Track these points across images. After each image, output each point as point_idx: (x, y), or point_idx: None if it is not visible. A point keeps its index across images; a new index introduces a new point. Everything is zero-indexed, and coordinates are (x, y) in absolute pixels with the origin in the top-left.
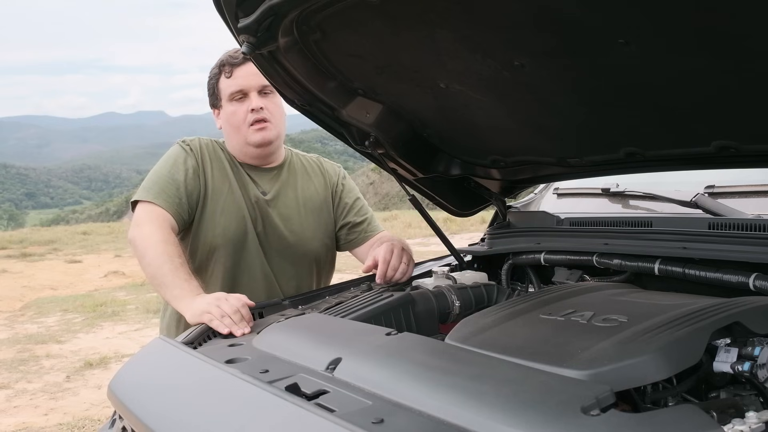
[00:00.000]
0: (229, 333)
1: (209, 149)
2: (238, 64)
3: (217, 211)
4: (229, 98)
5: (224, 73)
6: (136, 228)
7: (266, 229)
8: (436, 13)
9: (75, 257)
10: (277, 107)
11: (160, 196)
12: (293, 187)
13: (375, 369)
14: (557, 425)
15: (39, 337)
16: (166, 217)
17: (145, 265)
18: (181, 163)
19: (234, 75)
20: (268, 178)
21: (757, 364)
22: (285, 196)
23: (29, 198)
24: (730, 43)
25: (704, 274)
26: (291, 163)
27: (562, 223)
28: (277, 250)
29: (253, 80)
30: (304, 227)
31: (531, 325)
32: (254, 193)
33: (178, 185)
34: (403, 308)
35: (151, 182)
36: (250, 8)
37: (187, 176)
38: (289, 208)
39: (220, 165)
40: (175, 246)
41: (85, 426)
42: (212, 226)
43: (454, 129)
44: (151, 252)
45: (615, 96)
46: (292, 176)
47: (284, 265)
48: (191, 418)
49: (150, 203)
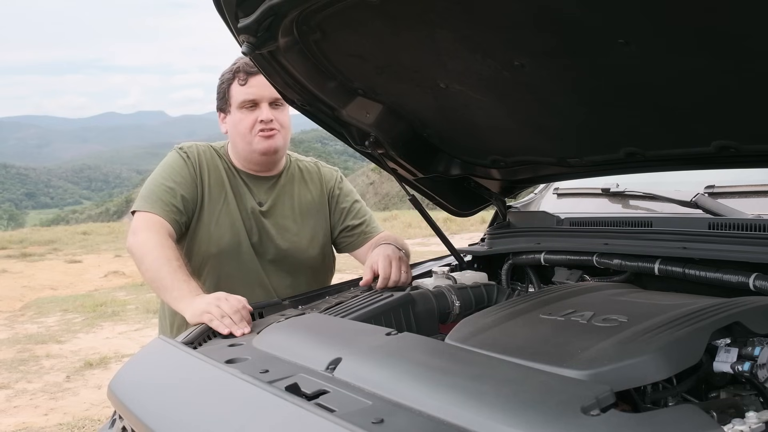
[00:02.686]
0: (229, 333)
1: (206, 156)
2: (254, 73)
3: (212, 220)
4: (239, 105)
5: (238, 79)
6: (133, 236)
7: (261, 240)
8: (436, 13)
9: (75, 257)
10: (286, 119)
11: (157, 204)
12: (290, 196)
13: (375, 369)
14: (557, 425)
15: (39, 337)
16: (163, 224)
17: (144, 270)
18: (178, 171)
19: (249, 83)
20: (265, 188)
21: (757, 364)
22: (281, 205)
23: (29, 198)
24: (730, 43)
25: (704, 274)
26: (289, 171)
27: (562, 223)
28: (273, 260)
29: (267, 91)
30: (300, 236)
31: (531, 325)
32: (250, 203)
33: (175, 193)
34: (403, 308)
35: (148, 191)
36: (250, 8)
37: (184, 184)
38: (286, 218)
39: (217, 173)
40: (172, 249)
41: (85, 426)
42: (207, 236)
43: (454, 129)
44: (149, 257)
45: (615, 96)
46: (289, 184)
47: (281, 274)
48: (191, 418)
49: (147, 212)
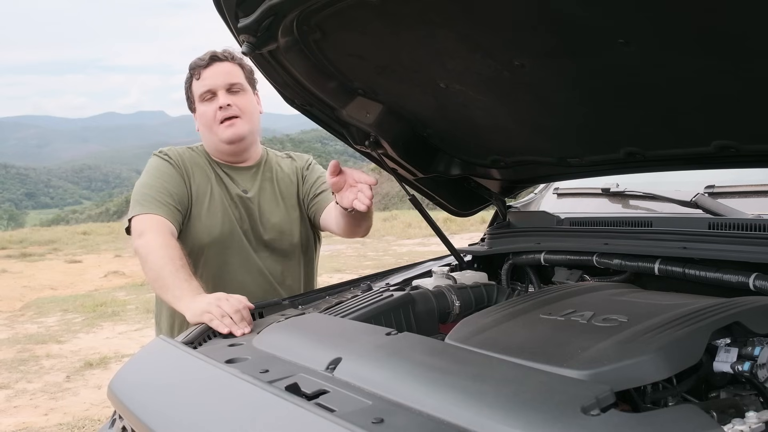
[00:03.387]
0: (229, 333)
1: (186, 156)
2: (204, 66)
3: (202, 213)
4: (200, 99)
5: (194, 76)
6: (138, 238)
7: (252, 226)
8: (436, 13)
9: (75, 257)
10: (248, 104)
11: (153, 204)
12: (271, 182)
13: (375, 369)
14: (557, 425)
15: (39, 337)
16: (165, 223)
17: (147, 270)
18: (165, 172)
19: (202, 77)
20: (247, 177)
21: (757, 364)
22: (265, 191)
23: (29, 198)
24: (730, 43)
25: (704, 274)
26: (267, 161)
27: (562, 223)
28: (265, 245)
29: (219, 79)
30: (286, 220)
31: (531, 325)
32: (235, 192)
33: (169, 192)
34: (403, 308)
35: (142, 195)
36: (250, 8)
37: (174, 183)
38: (270, 203)
39: (200, 169)
40: (175, 249)
41: (85, 426)
42: (199, 228)
43: (454, 129)
44: (152, 257)
45: (615, 96)
46: (269, 172)
47: (274, 257)
48: (191, 418)
49: (148, 214)
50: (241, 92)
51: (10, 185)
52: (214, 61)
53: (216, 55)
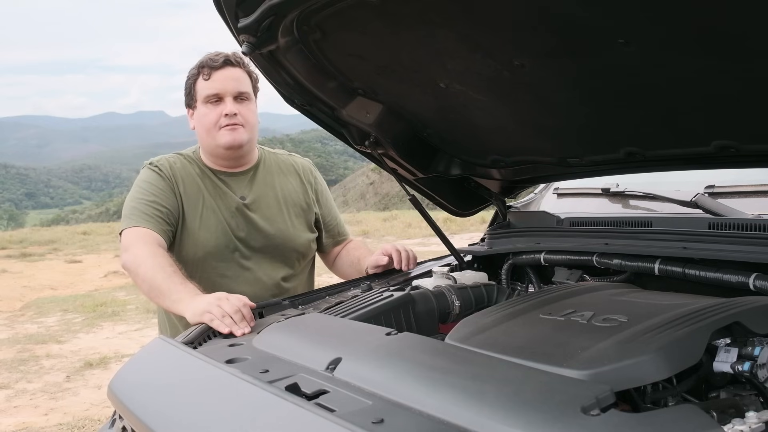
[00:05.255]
0: (230, 333)
1: (177, 166)
2: (217, 68)
3: (195, 225)
4: (204, 100)
5: (203, 74)
6: (125, 253)
7: (250, 233)
8: (436, 13)
9: (75, 257)
10: (251, 114)
11: (142, 218)
12: (271, 186)
13: (375, 369)
14: (557, 425)
15: (39, 337)
16: (152, 235)
17: (140, 283)
18: (155, 185)
19: (212, 78)
20: (244, 182)
21: (757, 364)
22: (265, 196)
23: (29, 198)
24: (730, 43)
25: (704, 274)
26: (265, 163)
27: (562, 223)
28: (264, 251)
29: (230, 85)
30: (288, 224)
31: (531, 325)
32: (233, 200)
33: (157, 205)
34: (403, 308)
35: (130, 209)
36: (250, 8)
37: (163, 196)
38: (271, 208)
39: (191, 180)
40: (164, 257)
41: (85, 426)
42: (193, 241)
43: (454, 129)
44: (142, 268)
45: (615, 96)
46: (269, 175)
47: (275, 263)
48: (191, 418)
49: (135, 227)
50: (246, 102)
51: (10, 185)
52: (227, 65)
53: (229, 59)
